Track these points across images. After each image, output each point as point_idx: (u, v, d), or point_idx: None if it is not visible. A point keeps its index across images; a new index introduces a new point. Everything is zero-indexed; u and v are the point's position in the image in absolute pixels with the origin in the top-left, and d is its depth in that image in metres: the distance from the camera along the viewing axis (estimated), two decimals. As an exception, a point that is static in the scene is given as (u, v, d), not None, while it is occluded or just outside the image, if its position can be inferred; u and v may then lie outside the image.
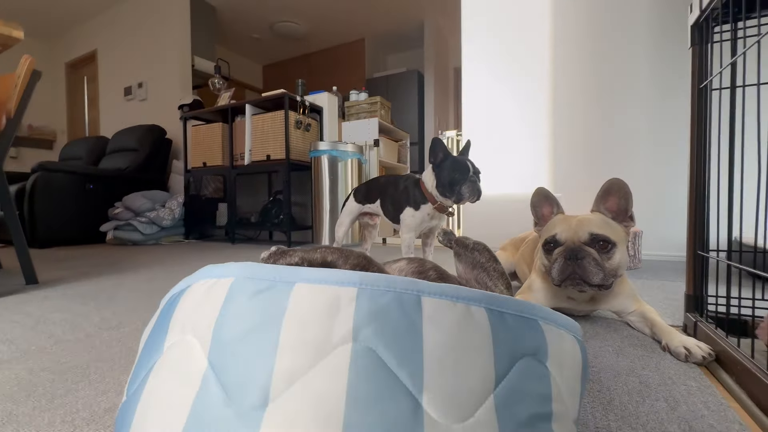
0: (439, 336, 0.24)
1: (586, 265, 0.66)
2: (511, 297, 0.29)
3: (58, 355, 0.65)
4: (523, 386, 0.25)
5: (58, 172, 2.56)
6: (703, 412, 0.45)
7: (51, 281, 1.32)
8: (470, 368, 0.24)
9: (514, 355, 0.26)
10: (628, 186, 0.73)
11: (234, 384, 0.22)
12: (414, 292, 0.25)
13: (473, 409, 0.23)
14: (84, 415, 0.46)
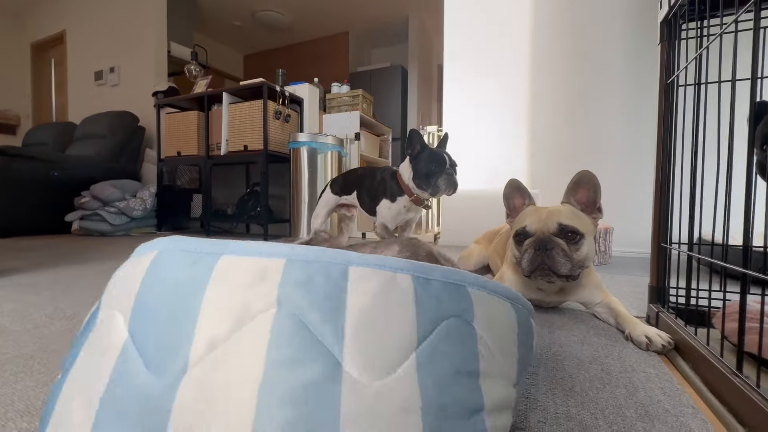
0: (362, 301, 0.25)
1: (555, 255, 0.67)
2: (441, 266, 0.29)
3: (0, 345, 0.61)
4: (447, 345, 0.26)
5: (19, 156, 2.42)
6: (659, 398, 0.46)
7: (6, 271, 1.24)
8: (392, 330, 0.25)
9: (438, 317, 0.26)
10: (597, 178, 0.74)
11: (153, 352, 0.23)
12: (342, 263, 0.26)
13: (394, 368, 0.24)
14: (19, 406, 0.42)
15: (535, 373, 0.52)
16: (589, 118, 1.85)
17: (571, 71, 1.87)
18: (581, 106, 1.86)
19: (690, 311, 0.66)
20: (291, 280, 0.25)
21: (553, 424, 0.40)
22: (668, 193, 0.70)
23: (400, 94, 4.45)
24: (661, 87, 0.71)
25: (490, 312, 0.30)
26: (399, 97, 4.45)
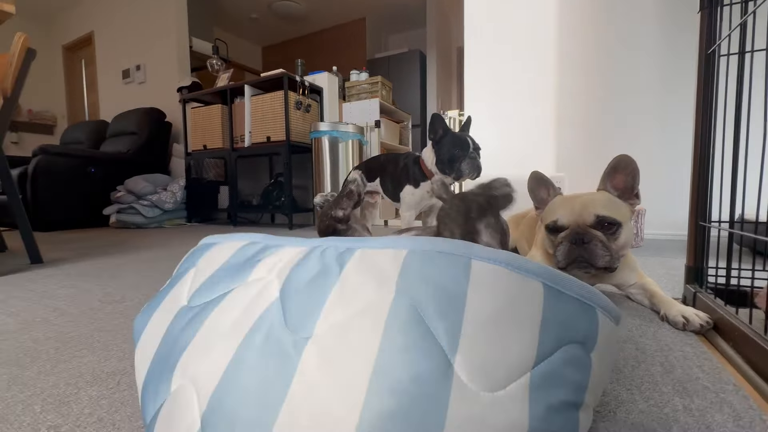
0: (485, 302, 0.24)
1: (593, 248, 0.63)
2: (574, 278, 0.27)
3: (61, 326, 0.66)
4: (563, 372, 0.24)
5: (59, 155, 2.56)
6: (697, 375, 0.46)
7: (55, 261, 1.34)
8: (511, 341, 0.23)
9: (562, 340, 0.25)
10: (635, 163, 0.71)
11: (292, 314, 0.27)
12: (465, 256, 0.26)
13: (506, 383, 0.22)
14: (87, 378, 0.47)
15: (567, 351, 0.53)
16: (618, 95, 1.77)
17: (599, 46, 1.79)
18: (609, 82, 1.78)
19: (731, 291, 0.64)
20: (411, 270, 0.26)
21: (588, 399, 0.41)
22: (707, 170, 0.67)
23: (419, 79, 4.38)
24: (700, 57, 0.67)
25: (606, 340, 0.28)
26: (418, 83, 4.39)
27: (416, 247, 0.27)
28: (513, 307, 0.24)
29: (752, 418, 0.37)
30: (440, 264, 0.26)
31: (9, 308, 0.77)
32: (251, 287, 0.31)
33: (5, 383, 0.46)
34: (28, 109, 4.35)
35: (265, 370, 0.24)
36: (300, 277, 0.29)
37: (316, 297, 0.27)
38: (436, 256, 0.26)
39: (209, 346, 0.28)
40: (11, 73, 1.26)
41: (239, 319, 0.28)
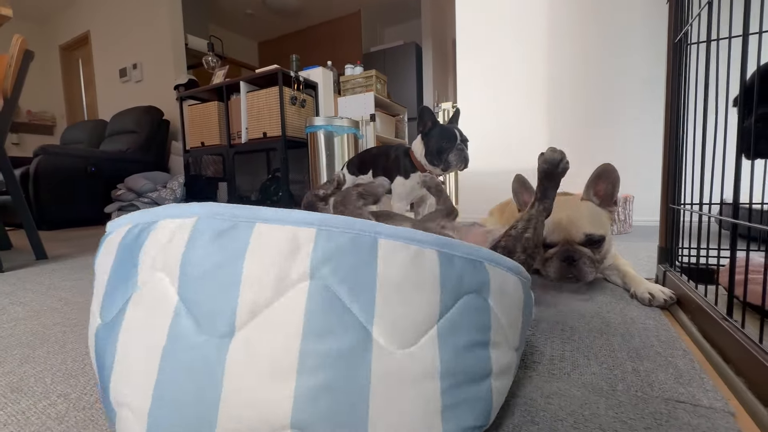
0: (392, 274, 0.27)
1: (582, 266, 0.66)
2: (462, 242, 0.31)
3: (68, 313, 0.71)
4: (465, 318, 0.29)
5: (60, 155, 2.60)
6: (653, 343, 0.49)
7: (59, 257, 1.38)
8: (418, 303, 0.27)
9: (459, 292, 0.29)
10: (617, 172, 0.73)
11: (203, 316, 0.25)
12: (371, 234, 0.27)
13: (417, 338, 0.26)
14: (92, 356, 0.51)
15: (536, 325, 0.57)
16: (608, 86, 1.79)
17: (588, 38, 1.81)
18: (599, 73, 1.80)
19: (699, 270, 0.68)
20: (321, 251, 0.26)
21: (547, 364, 0.45)
22: (676, 156, 0.71)
23: (415, 72, 4.38)
24: (669, 46, 0.70)
25: (502, 287, 0.33)
26: (414, 76, 4.39)
27: (325, 224, 0.27)
28: (415, 274, 0.27)
29: (692, 376, 0.41)
30: (349, 242, 0.27)
31: (19, 299, 0.82)
32: (144, 295, 0.27)
33: (18, 361, 0.50)
34: (27, 110, 4.38)
35: (192, 380, 0.24)
36: (194, 270, 0.26)
37: (224, 289, 0.25)
38: (347, 236, 0.27)
39: (130, 372, 0.27)
40: (11, 75, 1.29)
41: (148, 340, 0.26)
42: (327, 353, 0.24)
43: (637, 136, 1.75)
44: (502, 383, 0.32)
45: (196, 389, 0.24)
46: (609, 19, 1.76)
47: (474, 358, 0.29)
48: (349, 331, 0.25)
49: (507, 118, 2.02)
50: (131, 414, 0.26)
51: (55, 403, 0.39)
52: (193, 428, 0.24)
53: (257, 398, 0.24)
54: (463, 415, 0.27)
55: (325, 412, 0.24)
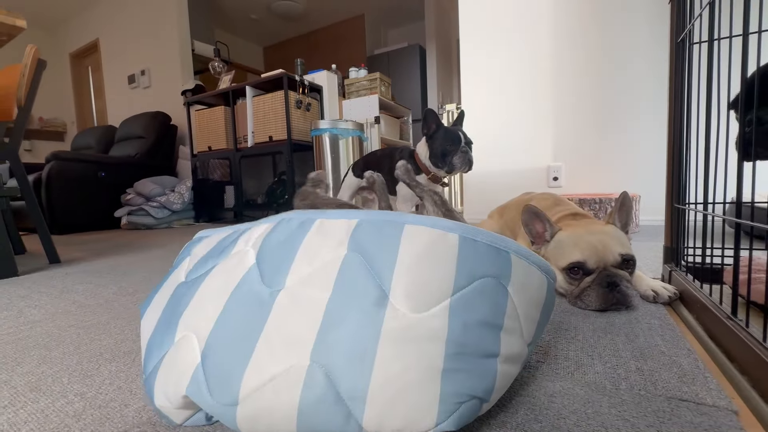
0: (412, 250, 0.32)
1: (625, 290, 0.61)
2: (488, 231, 0.35)
3: (81, 316, 0.72)
4: (479, 298, 0.32)
5: (71, 160, 2.65)
6: (657, 342, 0.50)
7: (72, 261, 1.41)
8: (432, 278, 0.31)
9: (475, 275, 0.32)
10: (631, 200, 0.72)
11: (266, 272, 0.35)
12: (400, 222, 0.35)
13: (430, 307, 0.30)
14: (107, 356, 0.52)
15: (541, 325, 0.57)
16: (613, 85, 1.78)
17: (593, 36, 1.80)
18: (604, 72, 1.79)
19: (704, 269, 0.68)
20: (359, 233, 0.34)
21: (551, 363, 0.45)
22: (681, 155, 0.71)
23: (419, 73, 4.39)
24: (672, 46, 0.70)
25: (525, 278, 0.35)
26: (418, 77, 4.40)
27: (365, 217, 0.36)
28: (435, 253, 0.32)
29: (695, 375, 0.41)
30: (382, 228, 0.34)
31: (34, 302, 0.84)
32: (233, 258, 0.38)
33: (36, 362, 0.52)
34: (39, 117, 4.48)
35: (246, 314, 0.32)
36: (271, 244, 0.37)
37: (285, 258, 0.35)
38: (380, 223, 0.35)
39: (203, 305, 0.35)
40: (24, 84, 1.32)
41: (225, 283, 0.36)
42: (349, 306, 0.30)
43: (642, 135, 1.74)
44: (508, 369, 0.33)
45: (246, 320, 0.32)
46: (613, 19, 1.76)
47: (483, 335, 0.31)
48: (369, 290, 0.31)
49: (511, 119, 2.02)
50: (194, 337, 0.33)
51: (73, 402, 0.41)
52: (237, 347, 0.31)
53: (290, 333, 0.30)
54: (462, 381, 0.30)
55: (341, 351, 0.29)
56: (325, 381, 0.28)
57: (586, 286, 0.64)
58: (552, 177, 1.92)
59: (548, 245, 0.71)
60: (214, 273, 0.38)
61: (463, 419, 0.30)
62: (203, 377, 0.31)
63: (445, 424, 0.29)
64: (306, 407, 0.28)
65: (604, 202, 1.47)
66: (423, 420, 0.28)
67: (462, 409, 0.29)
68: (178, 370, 0.33)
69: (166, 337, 0.35)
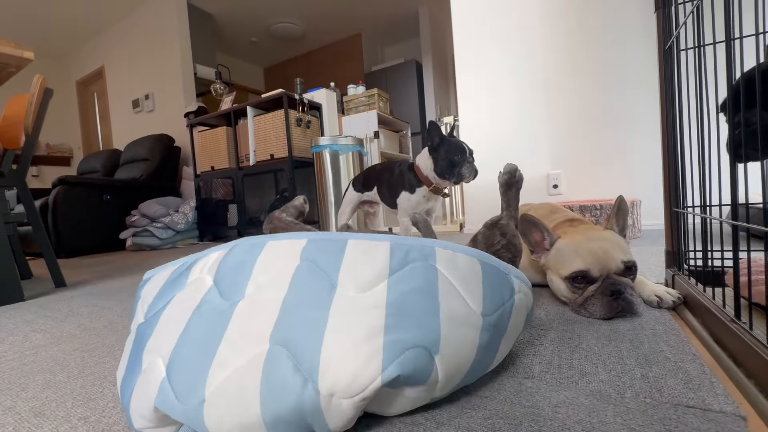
0: (353, 254, 0.40)
1: (629, 297, 0.60)
2: (418, 238, 0.43)
3: (86, 339, 0.73)
4: (409, 274, 0.39)
5: (77, 185, 2.69)
6: (662, 348, 0.49)
7: (77, 284, 1.42)
8: (370, 269, 0.38)
9: (406, 261, 0.40)
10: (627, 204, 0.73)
11: (225, 290, 0.39)
12: (343, 239, 0.42)
13: (371, 287, 0.37)
14: (110, 379, 0.53)
15: (544, 334, 0.57)
16: (609, 91, 1.80)
17: (585, 46, 1.84)
18: (600, 78, 1.82)
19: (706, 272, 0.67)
20: (309, 248, 0.41)
21: (555, 373, 0.45)
22: (676, 160, 0.71)
23: (416, 88, 4.47)
24: (660, 53, 0.72)
25: (451, 261, 0.42)
26: (416, 92, 4.47)
27: (312, 237, 0.42)
28: (370, 255, 0.40)
29: (702, 381, 0.41)
30: (328, 244, 0.41)
31: (39, 326, 0.84)
32: (189, 287, 0.41)
33: (40, 386, 0.52)
34: (46, 143, 4.57)
35: (207, 325, 0.36)
36: (227, 267, 0.41)
37: (242, 275, 0.40)
38: (326, 240, 0.42)
39: (165, 330, 0.38)
40: (32, 112, 1.36)
41: (185, 306, 0.39)
42: (303, 297, 0.36)
43: (641, 139, 1.75)
44: (458, 328, 0.38)
45: (208, 330, 0.35)
46: (604, 26, 1.79)
47: (417, 299, 0.37)
48: (320, 284, 0.37)
49: (509, 129, 2.04)
50: (159, 358, 0.35)
51: (76, 427, 0.41)
52: (200, 353, 0.34)
53: (250, 330, 0.34)
54: (404, 332, 0.34)
55: (296, 329, 0.34)
56: (284, 355, 0.32)
57: (590, 295, 0.63)
58: (552, 185, 1.92)
59: (548, 254, 0.71)
60: (172, 303, 0.40)
61: (409, 364, 0.33)
62: (169, 386, 0.33)
63: (391, 368, 0.32)
64: (267, 384, 0.31)
65: (605, 209, 1.47)
66: (369, 367, 0.32)
67: (407, 354, 0.33)
68: (146, 389, 0.34)
69: (135, 370, 0.37)
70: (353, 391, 0.31)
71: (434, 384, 0.36)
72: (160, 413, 0.34)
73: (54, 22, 3.86)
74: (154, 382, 0.34)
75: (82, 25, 4.00)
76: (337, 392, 0.31)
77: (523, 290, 0.46)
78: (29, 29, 3.93)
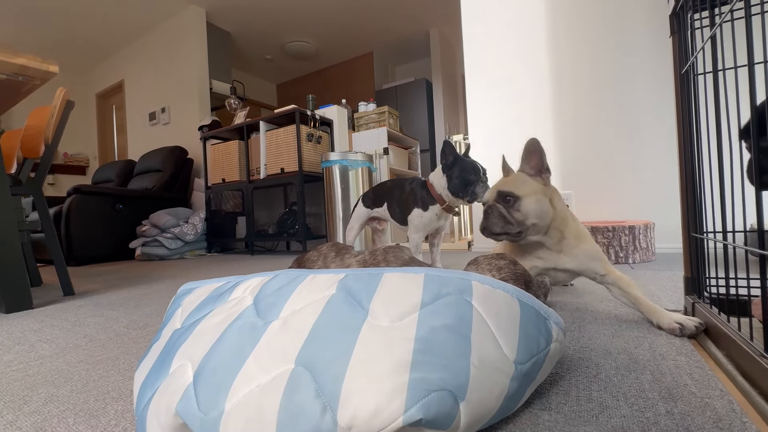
0: (387, 286, 0.41)
1: (491, 217, 0.78)
2: (452, 270, 0.43)
3: (91, 350, 0.72)
4: (443, 309, 0.38)
5: (91, 194, 2.74)
6: (686, 382, 0.47)
7: (86, 293, 1.43)
8: (403, 301, 0.38)
9: (440, 294, 0.39)
10: (541, 144, 0.79)
11: (262, 309, 0.42)
12: (379, 273, 0.44)
13: (402, 318, 0.37)
14: (114, 395, 0.52)
15: (560, 364, 0.54)
16: (620, 113, 1.80)
17: (598, 66, 1.85)
18: (610, 101, 1.82)
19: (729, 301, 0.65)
20: (347, 280, 0.44)
21: (573, 405, 0.43)
22: (694, 184, 0.70)
23: (426, 106, 4.52)
24: (676, 78, 0.71)
25: (488, 297, 0.40)
26: (425, 110, 4.52)
27: (350, 272, 0.45)
28: (404, 285, 0.41)
29: (732, 420, 0.38)
30: (366, 277, 0.43)
31: (45, 336, 0.84)
32: (230, 303, 0.44)
33: (43, 400, 0.51)
34: (64, 153, 4.70)
35: (239, 338, 0.37)
36: (268, 290, 0.44)
37: (280, 298, 0.42)
38: (364, 274, 0.43)
39: (201, 337, 0.40)
40: (53, 123, 1.40)
41: (223, 320, 0.41)
42: (332, 322, 0.37)
43: (653, 161, 1.73)
44: (489, 374, 0.35)
45: (239, 341, 0.37)
46: (617, 46, 1.80)
47: (449, 337, 0.35)
48: (350, 312, 0.38)
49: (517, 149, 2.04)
50: (189, 363, 0.37)
51: (77, 445, 0.40)
52: (228, 364, 0.35)
53: (279, 348, 0.35)
54: (431, 371, 0.33)
55: (322, 353, 0.34)
56: (307, 378, 0.32)
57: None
58: (563, 205, 1.90)
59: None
60: (211, 315, 0.42)
61: (432, 408, 0.31)
62: (193, 393, 0.34)
63: (414, 409, 0.30)
64: (286, 406, 0.31)
65: (617, 231, 1.44)
66: (392, 404, 0.30)
67: (432, 397, 0.31)
68: (170, 392, 0.35)
69: (161, 373, 0.38)
70: (372, 428, 0.30)
71: (454, 430, 0.34)
72: (179, 421, 0.33)
73: (79, 38, 4.03)
74: (181, 386, 0.35)
75: (105, 41, 4.16)
76: (355, 426, 0.30)
77: (560, 338, 0.45)
78: (55, 44, 4.10)
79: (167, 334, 0.45)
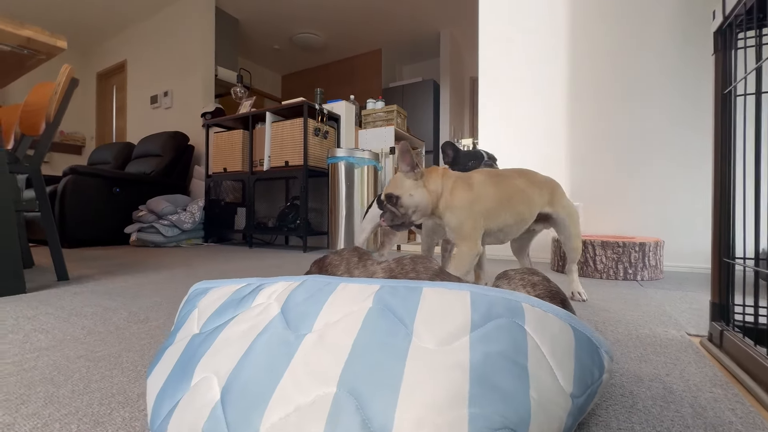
0: (429, 302, 0.37)
1: (386, 214, 0.94)
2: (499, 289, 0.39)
3: (91, 345, 0.68)
4: (495, 333, 0.34)
5: (88, 175, 2.68)
6: (731, 419, 0.44)
7: (80, 278, 1.38)
8: (449, 321, 0.35)
9: (490, 316, 0.35)
10: (409, 145, 0.89)
11: (292, 321, 0.38)
12: (419, 286, 0.40)
13: (451, 342, 0.33)
14: (119, 398, 0.48)
15: (592, 388, 0.52)
16: (632, 128, 1.79)
17: (611, 80, 1.83)
18: (623, 115, 1.81)
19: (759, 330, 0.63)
20: (382, 293, 0.39)
21: (617, 440, 0.40)
22: (728, 207, 0.68)
23: (432, 107, 4.49)
24: (717, 97, 0.69)
25: (542, 323, 0.36)
26: (431, 111, 4.50)
27: (385, 283, 0.41)
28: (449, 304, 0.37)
29: (791, 467, 0.36)
30: (403, 291, 0.39)
31: (41, 325, 0.80)
32: (255, 310, 0.41)
33: (42, 401, 0.47)
34: (61, 131, 4.59)
35: (271, 353, 0.34)
36: (296, 299, 0.41)
37: (311, 310, 0.38)
38: (400, 287, 0.40)
39: (224, 348, 0.36)
40: (55, 100, 1.35)
41: (248, 329, 0.38)
42: (374, 341, 0.33)
43: (664, 178, 1.72)
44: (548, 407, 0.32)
45: (271, 358, 0.34)
46: (632, 59, 1.79)
47: (506, 365, 0.32)
48: (393, 331, 0.34)
49: (529, 159, 2.02)
50: (214, 377, 0.34)
51: (83, 457, 0.36)
52: (260, 382, 0.32)
53: (317, 365, 0.32)
54: (491, 406, 0.29)
55: (368, 379, 0.30)
56: (352, 406, 0.29)
57: None
58: (570, 216, 1.88)
59: None
60: (235, 322, 0.40)
61: None
62: (222, 413, 0.31)
63: None
64: None
65: (627, 246, 1.43)
66: None
67: None
68: (194, 409, 0.32)
69: (181, 385, 0.35)
70: None
71: None
72: None
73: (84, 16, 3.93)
74: (207, 403, 0.32)
75: (110, 20, 4.06)
76: None
77: (611, 369, 0.42)
78: (58, 20, 3.99)
79: (183, 339, 0.41)
